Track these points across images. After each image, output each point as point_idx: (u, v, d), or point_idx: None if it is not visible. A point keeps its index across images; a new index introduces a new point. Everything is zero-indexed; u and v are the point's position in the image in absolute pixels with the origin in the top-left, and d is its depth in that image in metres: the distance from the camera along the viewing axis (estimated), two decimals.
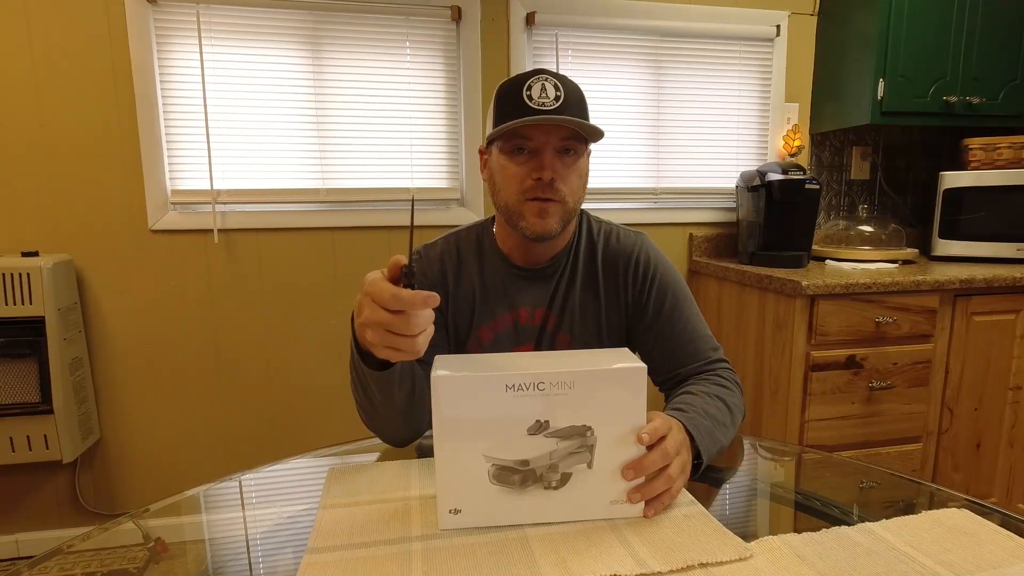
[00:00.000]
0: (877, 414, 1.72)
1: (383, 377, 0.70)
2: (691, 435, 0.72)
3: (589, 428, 0.61)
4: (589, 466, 0.61)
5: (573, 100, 0.86)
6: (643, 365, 0.60)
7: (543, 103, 0.84)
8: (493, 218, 1.01)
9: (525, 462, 0.60)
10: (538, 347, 0.98)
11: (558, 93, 0.84)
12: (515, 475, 0.61)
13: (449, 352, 0.97)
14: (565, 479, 0.61)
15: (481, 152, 0.96)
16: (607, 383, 0.60)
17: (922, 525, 0.60)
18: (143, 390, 1.88)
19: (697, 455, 0.72)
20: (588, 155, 0.93)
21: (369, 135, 1.94)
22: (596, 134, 0.87)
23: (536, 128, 0.85)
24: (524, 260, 0.97)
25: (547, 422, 0.60)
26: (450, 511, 0.61)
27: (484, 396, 0.59)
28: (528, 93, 0.84)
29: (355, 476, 0.73)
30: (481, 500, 0.61)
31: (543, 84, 0.84)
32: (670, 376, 0.94)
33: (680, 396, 0.84)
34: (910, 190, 2.36)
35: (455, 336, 0.98)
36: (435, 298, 0.57)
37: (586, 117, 0.88)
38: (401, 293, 0.56)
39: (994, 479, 1.86)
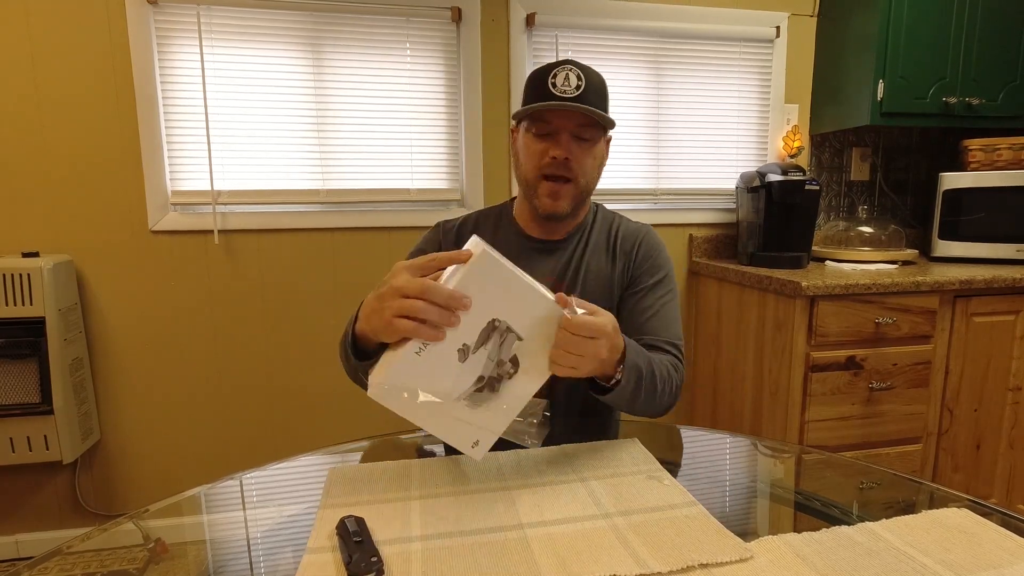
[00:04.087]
0: (877, 415, 1.72)
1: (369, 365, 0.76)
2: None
3: (494, 320, 0.64)
4: (520, 338, 0.66)
5: (593, 89, 0.94)
6: (483, 249, 0.63)
7: (565, 91, 0.93)
8: (515, 197, 1.10)
9: (480, 379, 0.66)
10: None
11: (579, 83, 0.93)
12: (483, 391, 0.66)
13: None
14: (516, 362, 0.67)
15: (512, 130, 1.05)
16: (476, 278, 0.63)
17: (922, 525, 0.60)
18: (143, 390, 1.88)
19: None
20: (607, 142, 1.02)
21: (369, 136, 1.94)
22: (607, 122, 0.95)
23: (555, 112, 0.94)
24: (541, 232, 1.05)
25: (466, 346, 0.64)
26: (472, 445, 0.68)
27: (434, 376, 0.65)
28: (553, 80, 0.93)
29: (356, 476, 0.73)
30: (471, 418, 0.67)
31: (567, 73, 0.94)
32: None
33: None
34: (910, 191, 2.36)
35: None
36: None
37: (605, 106, 0.97)
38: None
39: (994, 479, 1.86)
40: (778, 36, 2.16)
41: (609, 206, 2.09)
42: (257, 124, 1.86)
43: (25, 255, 1.68)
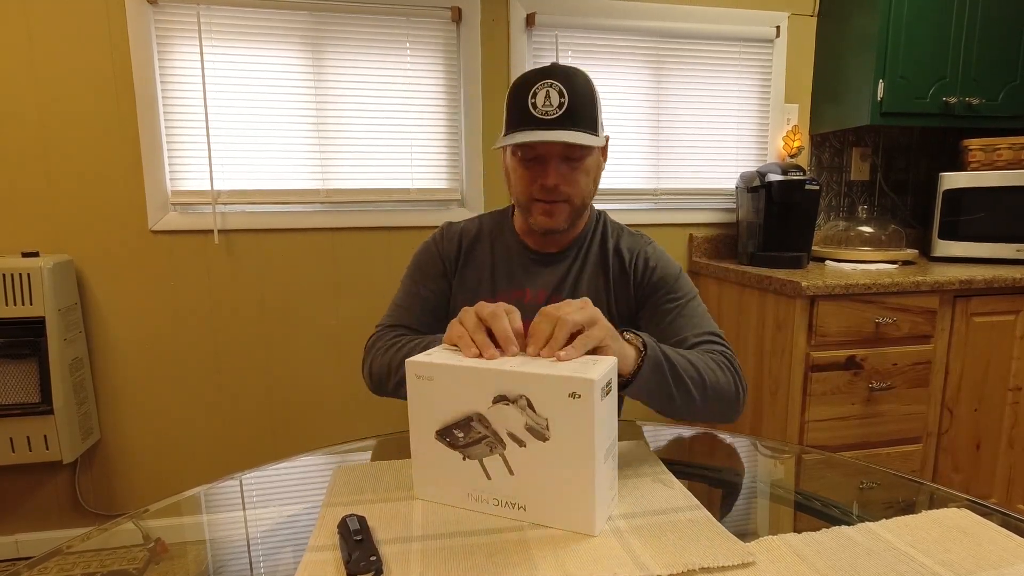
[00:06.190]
0: (877, 415, 1.72)
1: None
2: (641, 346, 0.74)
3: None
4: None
5: (579, 103, 0.87)
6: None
7: (547, 112, 0.86)
8: None
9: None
10: None
11: (562, 100, 0.86)
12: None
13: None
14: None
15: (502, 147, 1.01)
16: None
17: (922, 525, 0.60)
18: (143, 390, 1.88)
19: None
20: (602, 148, 0.96)
21: (369, 136, 1.94)
22: (597, 141, 0.89)
23: None
24: (539, 245, 1.03)
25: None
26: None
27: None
28: (533, 101, 0.86)
29: (360, 475, 0.73)
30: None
31: (547, 91, 0.86)
32: None
33: None
34: (910, 191, 2.36)
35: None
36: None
37: (594, 118, 0.90)
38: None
39: (994, 479, 1.86)
40: (778, 36, 2.16)
41: (609, 206, 2.14)
42: (257, 124, 1.86)
43: (25, 255, 1.68)
